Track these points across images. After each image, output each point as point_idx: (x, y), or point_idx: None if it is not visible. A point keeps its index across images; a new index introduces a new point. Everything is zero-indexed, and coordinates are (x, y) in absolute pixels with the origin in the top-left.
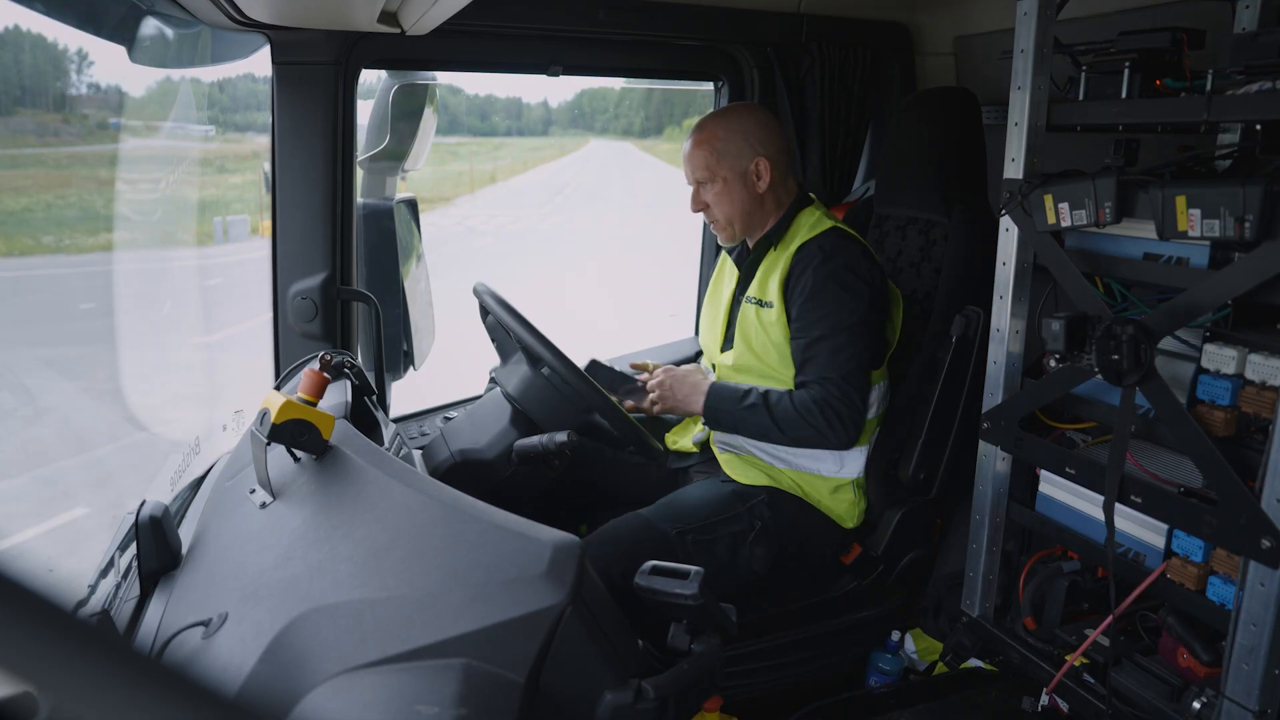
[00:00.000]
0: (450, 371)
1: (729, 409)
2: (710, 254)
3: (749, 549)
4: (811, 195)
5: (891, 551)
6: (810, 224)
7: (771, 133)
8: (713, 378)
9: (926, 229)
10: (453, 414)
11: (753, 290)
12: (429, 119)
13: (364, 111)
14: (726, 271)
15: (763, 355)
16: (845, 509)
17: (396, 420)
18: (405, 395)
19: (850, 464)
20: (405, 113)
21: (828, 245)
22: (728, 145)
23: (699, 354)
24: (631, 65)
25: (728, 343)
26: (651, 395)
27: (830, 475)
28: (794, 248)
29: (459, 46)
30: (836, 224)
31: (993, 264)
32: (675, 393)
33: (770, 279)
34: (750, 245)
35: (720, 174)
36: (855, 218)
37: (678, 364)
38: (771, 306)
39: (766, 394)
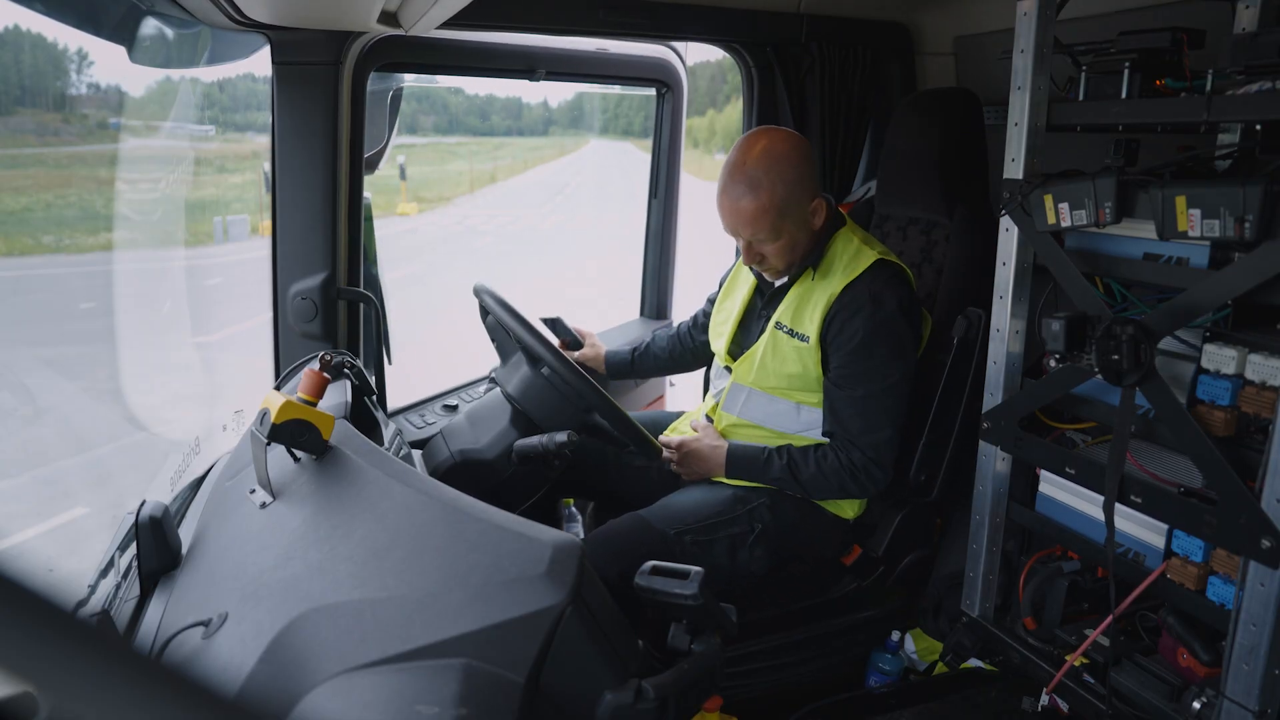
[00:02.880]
0: (450, 372)
1: (753, 474)
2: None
3: (748, 551)
4: (841, 211)
5: (892, 552)
6: (850, 252)
7: (812, 161)
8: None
9: (928, 230)
10: (451, 401)
11: (784, 317)
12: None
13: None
14: (742, 275)
15: (784, 380)
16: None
17: (395, 412)
18: (401, 394)
19: None
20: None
21: (876, 288)
22: (789, 199)
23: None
24: None
25: (738, 348)
26: (673, 468)
27: None
28: (838, 285)
29: (461, 48)
30: (877, 253)
31: (995, 265)
32: (694, 467)
33: (807, 310)
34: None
35: (785, 230)
36: (856, 218)
37: (633, 354)
38: (807, 340)
39: (789, 459)
